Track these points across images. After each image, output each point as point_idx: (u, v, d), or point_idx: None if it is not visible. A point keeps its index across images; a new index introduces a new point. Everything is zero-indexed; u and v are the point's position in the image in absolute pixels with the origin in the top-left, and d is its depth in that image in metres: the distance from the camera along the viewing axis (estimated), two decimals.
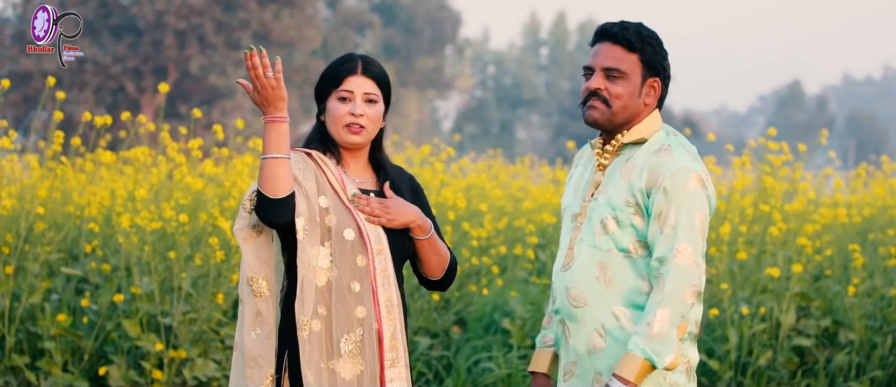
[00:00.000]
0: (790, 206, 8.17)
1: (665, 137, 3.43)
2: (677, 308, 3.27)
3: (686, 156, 3.38)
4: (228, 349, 7.06)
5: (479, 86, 64.80)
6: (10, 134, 7.33)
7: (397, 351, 3.58)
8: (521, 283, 8.96)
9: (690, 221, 3.32)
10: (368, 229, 3.55)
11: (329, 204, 3.56)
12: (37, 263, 6.92)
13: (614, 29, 3.44)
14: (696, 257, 3.31)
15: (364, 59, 3.65)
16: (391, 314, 3.57)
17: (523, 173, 13.86)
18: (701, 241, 3.32)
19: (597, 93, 3.42)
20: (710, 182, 3.41)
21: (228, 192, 7.75)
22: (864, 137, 71.81)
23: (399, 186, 3.69)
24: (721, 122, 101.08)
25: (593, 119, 3.44)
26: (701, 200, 3.35)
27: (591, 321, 3.40)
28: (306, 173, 3.56)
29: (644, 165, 3.39)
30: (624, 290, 3.38)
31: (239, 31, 32.41)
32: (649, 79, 3.42)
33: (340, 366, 3.53)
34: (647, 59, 3.41)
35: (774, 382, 7.48)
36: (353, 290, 3.55)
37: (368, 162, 3.70)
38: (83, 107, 29.35)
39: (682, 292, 3.28)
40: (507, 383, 7.61)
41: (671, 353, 3.26)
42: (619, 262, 3.39)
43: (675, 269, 3.29)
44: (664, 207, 3.33)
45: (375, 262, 3.55)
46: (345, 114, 3.58)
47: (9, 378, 6.81)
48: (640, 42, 3.40)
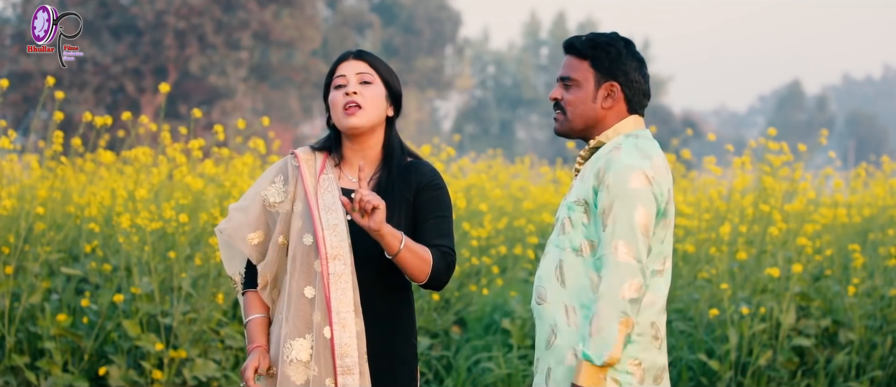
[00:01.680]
0: (790, 206, 8.17)
1: (624, 138, 3.48)
2: (615, 304, 3.29)
3: (633, 154, 3.41)
4: (228, 349, 7.06)
5: (479, 86, 64.79)
6: (9, 134, 7.33)
7: (352, 357, 3.52)
8: (521, 283, 8.96)
9: (629, 218, 3.33)
10: (326, 235, 3.52)
11: (300, 208, 3.60)
12: (37, 263, 6.92)
13: (570, 40, 3.55)
14: (636, 253, 3.31)
15: (359, 50, 3.68)
16: (347, 321, 3.52)
17: (523, 173, 13.86)
18: (642, 237, 3.33)
19: (557, 103, 3.54)
20: (660, 179, 3.40)
21: (228, 192, 7.75)
22: (864, 137, 71.81)
23: (401, 185, 3.61)
24: (721, 122, 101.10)
25: (556, 131, 3.57)
26: (643, 197, 3.36)
27: (548, 317, 3.45)
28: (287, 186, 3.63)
29: (595, 164, 3.44)
30: (575, 288, 3.41)
31: (239, 31, 32.42)
32: (605, 83, 3.48)
33: (292, 370, 3.55)
34: (598, 65, 3.48)
35: (774, 382, 7.48)
36: (306, 295, 3.56)
37: (382, 159, 3.66)
38: (83, 107, 29.36)
39: (619, 287, 3.29)
40: (507, 383, 7.61)
41: (609, 348, 3.27)
42: (572, 260, 3.43)
43: (611, 265, 3.32)
44: (607, 204, 3.37)
45: (330, 267, 3.52)
46: (340, 96, 3.59)
47: (9, 378, 6.81)
48: (592, 49, 3.49)
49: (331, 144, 3.68)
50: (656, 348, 3.42)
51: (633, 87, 3.50)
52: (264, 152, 8.39)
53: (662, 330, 3.45)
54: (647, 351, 3.40)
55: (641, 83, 3.52)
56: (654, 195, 3.38)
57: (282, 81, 37.42)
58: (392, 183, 3.62)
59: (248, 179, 8.38)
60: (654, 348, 3.42)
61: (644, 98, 3.55)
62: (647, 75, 3.58)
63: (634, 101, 3.52)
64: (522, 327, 7.86)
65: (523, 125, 65.19)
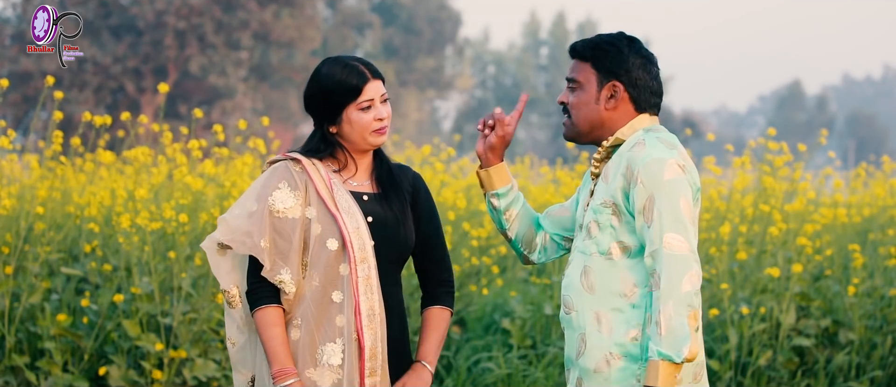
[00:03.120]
0: (790, 206, 8.17)
1: (643, 133, 3.40)
2: (681, 299, 3.22)
3: (659, 146, 3.34)
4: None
5: (479, 86, 64.81)
6: (9, 134, 7.33)
7: (377, 360, 3.58)
8: (521, 283, 8.96)
9: (674, 209, 3.27)
10: (353, 238, 3.56)
11: (314, 213, 3.58)
12: (37, 263, 6.92)
13: (574, 43, 3.51)
14: (688, 244, 3.25)
15: (364, 63, 3.66)
16: (372, 323, 3.57)
17: (523, 173, 13.85)
18: (690, 226, 3.27)
19: (565, 108, 3.49)
20: (690, 167, 3.35)
21: (228, 192, 7.75)
22: (864, 137, 71.84)
23: (400, 185, 3.70)
24: (721, 122, 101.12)
25: (564, 136, 3.52)
26: (681, 186, 3.30)
27: (577, 327, 3.40)
28: (296, 192, 3.58)
29: (620, 163, 3.37)
30: (605, 294, 3.35)
31: (239, 31, 32.43)
32: (607, 83, 3.42)
33: (318, 375, 3.56)
34: (599, 66, 3.42)
35: (774, 382, 7.48)
36: (334, 300, 3.57)
37: (372, 164, 3.72)
38: (83, 107, 29.36)
39: (681, 281, 3.23)
40: (507, 383, 7.61)
41: (686, 343, 3.20)
42: (600, 265, 3.37)
43: (668, 260, 3.24)
44: (645, 200, 3.29)
45: (358, 270, 3.56)
46: (371, 121, 3.61)
47: (9, 378, 6.81)
48: (592, 51, 3.44)
49: (322, 149, 3.67)
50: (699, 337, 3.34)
51: (638, 86, 3.42)
52: (264, 152, 8.38)
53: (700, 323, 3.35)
54: None
55: (647, 81, 3.43)
56: (690, 182, 3.32)
57: (282, 81, 37.44)
58: (392, 180, 3.70)
59: (248, 179, 8.38)
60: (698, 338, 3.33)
61: (653, 96, 3.45)
62: (656, 73, 3.47)
63: (641, 100, 3.43)
64: (522, 327, 7.86)
65: (523, 125, 65.19)
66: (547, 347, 7.75)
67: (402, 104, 51.63)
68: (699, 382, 3.37)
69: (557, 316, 7.88)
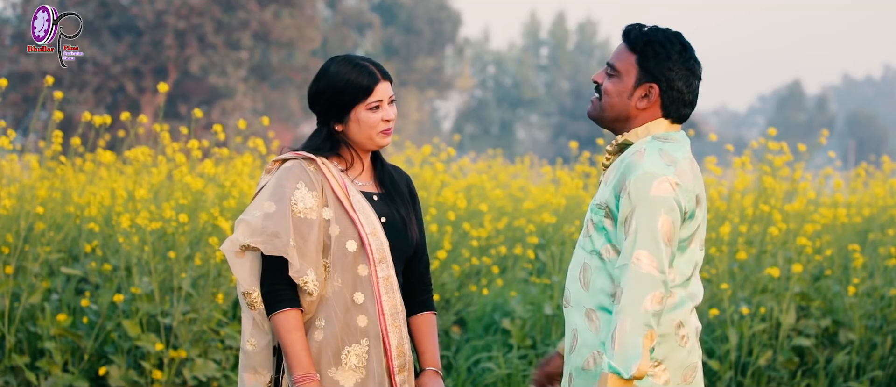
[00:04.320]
0: (790, 206, 8.17)
1: (650, 141, 3.35)
2: (638, 318, 3.18)
3: (656, 160, 3.28)
4: (228, 349, 7.06)
5: (479, 86, 64.77)
6: (9, 134, 7.33)
7: (404, 357, 3.64)
8: (521, 283, 8.96)
9: (651, 228, 3.22)
10: (371, 239, 3.59)
11: (332, 214, 3.59)
12: (37, 263, 6.92)
13: (627, 28, 3.40)
14: (658, 263, 3.21)
15: (375, 63, 3.67)
16: (396, 321, 3.62)
17: (523, 173, 13.86)
18: (664, 246, 3.21)
19: (598, 87, 3.41)
20: (687, 185, 3.29)
21: (228, 192, 7.75)
22: (864, 137, 71.80)
23: (399, 186, 3.74)
24: (721, 122, 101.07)
25: (587, 112, 3.45)
26: (666, 204, 3.23)
27: (571, 322, 3.40)
28: (314, 192, 3.58)
29: (619, 167, 3.34)
30: (597, 292, 3.34)
31: (239, 31, 32.40)
32: (645, 83, 3.34)
33: (340, 375, 3.57)
34: (644, 63, 3.33)
35: (774, 382, 7.48)
36: (356, 301, 3.58)
37: (371, 164, 3.75)
38: (83, 107, 29.36)
39: (641, 300, 3.18)
40: (507, 383, 7.61)
41: (636, 361, 3.17)
42: (595, 264, 3.35)
43: (632, 277, 3.20)
44: (628, 212, 3.26)
45: (378, 271, 3.59)
46: (379, 121, 3.64)
47: (9, 378, 6.81)
48: (643, 45, 3.34)
49: (328, 147, 3.68)
50: (683, 347, 3.33)
51: (673, 95, 3.35)
52: (264, 152, 8.38)
53: (691, 329, 3.33)
54: (674, 351, 3.31)
55: (684, 93, 3.36)
56: (678, 202, 3.26)
57: (282, 81, 37.42)
58: (393, 179, 3.75)
59: (247, 179, 8.37)
60: (681, 348, 3.32)
61: (684, 107, 3.38)
62: (696, 86, 3.39)
63: (671, 108, 3.36)
64: (522, 327, 7.85)
65: (523, 125, 65.20)
66: (547, 347, 7.75)
67: (403, 104, 51.61)
68: (690, 383, 3.37)
69: (557, 316, 7.88)
